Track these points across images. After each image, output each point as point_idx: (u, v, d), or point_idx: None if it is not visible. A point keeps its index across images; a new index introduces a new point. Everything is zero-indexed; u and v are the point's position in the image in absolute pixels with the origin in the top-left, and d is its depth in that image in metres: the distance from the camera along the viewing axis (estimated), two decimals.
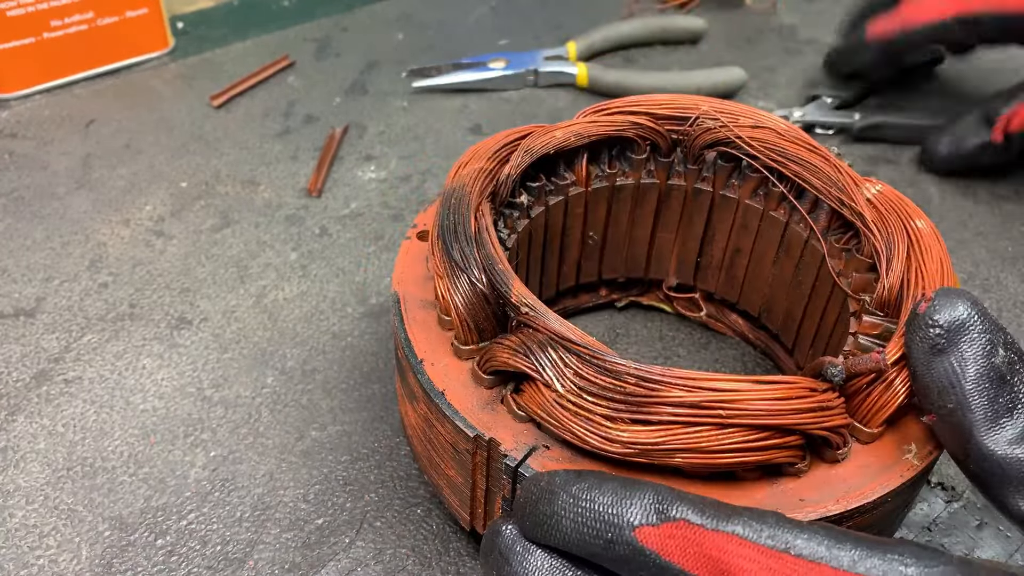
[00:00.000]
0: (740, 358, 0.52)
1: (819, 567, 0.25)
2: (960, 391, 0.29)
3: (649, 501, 0.27)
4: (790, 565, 0.25)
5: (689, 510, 0.26)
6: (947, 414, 0.30)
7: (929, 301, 0.30)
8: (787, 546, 0.25)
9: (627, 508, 0.27)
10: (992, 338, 0.29)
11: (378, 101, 0.76)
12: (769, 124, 0.43)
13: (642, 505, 0.27)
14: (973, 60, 0.74)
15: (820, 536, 0.25)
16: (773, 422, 0.30)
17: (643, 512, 0.27)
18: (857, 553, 0.25)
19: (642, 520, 0.26)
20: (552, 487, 0.28)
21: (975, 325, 0.29)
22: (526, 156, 0.42)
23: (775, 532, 0.26)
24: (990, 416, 0.29)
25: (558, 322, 0.33)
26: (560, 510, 0.28)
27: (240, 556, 0.41)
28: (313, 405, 0.48)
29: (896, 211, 0.39)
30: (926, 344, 0.30)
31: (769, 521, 0.26)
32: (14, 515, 0.42)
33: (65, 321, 0.53)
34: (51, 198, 0.63)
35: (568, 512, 0.27)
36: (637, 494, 0.27)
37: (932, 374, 0.30)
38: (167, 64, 0.80)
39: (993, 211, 0.65)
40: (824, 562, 0.25)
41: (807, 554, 0.25)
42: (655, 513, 0.27)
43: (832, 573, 0.25)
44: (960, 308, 0.29)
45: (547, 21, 0.90)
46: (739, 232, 0.48)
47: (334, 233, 0.61)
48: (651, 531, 0.26)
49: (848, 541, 0.25)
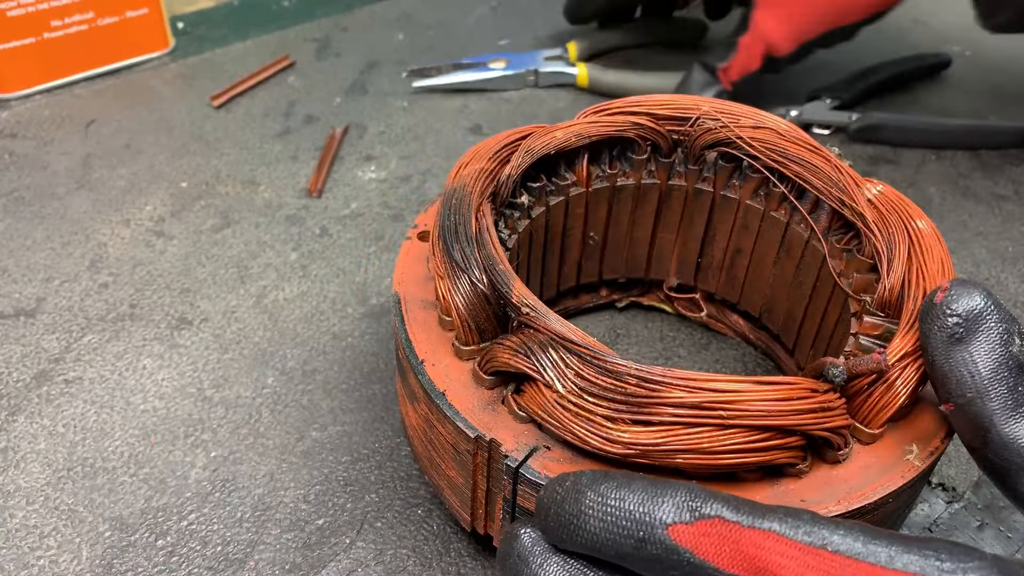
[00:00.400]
0: (741, 359, 0.52)
1: (856, 563, 0.25)
2: (979, 380, 0.29)
3: (682, 499, 0.26)
4: (827, 561, 0.25)
5: (724, 507, 0.26)
6: (966, 403, 0.30)
7: (945, 291, 0.30)
8: (824, 542, 0.25)
9: (659, 506, 0.26)
10: (1008, 327, 0.29)
11: (378, 101, 0.76)
12: (770, 124, 0.43)
13: (675, 503, 0.26)
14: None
15: (856, 532, 0.25)
16: (774, 423, 0.30)
17: (676, 510, 0.26)
18: (894, 549, 0.25)
19: (675, 518, 0.26)
20: (578, 486, 0.28)
21: (992, 314, 0.29)
22: (527, 156, 0.42)
23: (811, 528, 0.25)
24: (1010, 405, 0.29)
25: (559, 323, 0.33)
26: (587, 509, 0.27)
27: (241, 557, 0.41)
28: (314, 406, 0.48)
29: (897, 211, 0.39)
30: (944, 334, 0.30)
31: (805, 518, 0.26)
32: (14, 515, 0.42)
33: (65, 321, 0.53)
34: (51, 198, 0.63)
35: (596, 511, 0.27)
36: (669, 492, 0.27)
37: (950, 364, 0.30)
38: (167, 64, 0.80)
39: (993, 211, 0.65)
40: (861, 558, 0.25)
41: (844, 550, 0.25)
42: (688, 511, 0.26)
43: (869, 569, 0.25)
44: (977, 297, 0.30)
45: (547, 21, 0.90)
46: (740, 232, 0.48)
47: (334, 233, 0.61)
48: (685, 529, 0.26)
49: (884, 537, 0.25)
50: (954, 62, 0.83)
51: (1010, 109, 0.77)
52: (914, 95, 0.79)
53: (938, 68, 0.81)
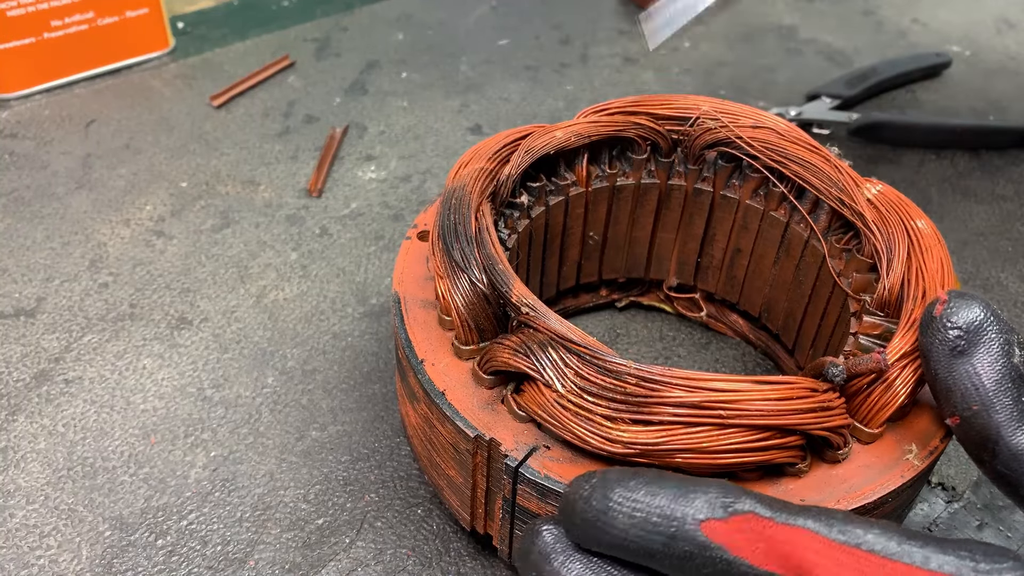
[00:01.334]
0: (740, 358, 0.52)
1: (891, 563, 0.24)
2: (984, 392, 0.29)
3: (715, 495, 0.26)
4: (862, 560, 0.25)
5: (757, 504, 0.26)
6: (971, 416, 0.30)
7: (944, 304, 0.30)
8: (858, 541, 0.25)
9: (691, 502, 0.26)
10: (1008, 338, 0.29)
11: (378, 101, 0.76)
12: (769, 124, 0.43)
13: (707, 499, 0.26)
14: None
15: (891, 532, 0.25)
16: (774, 422, 0.30)
17: (709, 506, 0.26)
18: (929, 550, 0.25)
19: (708, 514, 0.26)
20: (607, 482, 0.27)
21: (992, 326, 0.29)
22: (527, 156, 0.42)
23: (845, 527, 0.25)
24: (1016, 416, 0.29)
25: (558, 322, 0.33)
26: (616, 505, 0.27)
27: (241, 556, 0.41)
28: (313, 405, 0.48)
29: (896, 211, 0.39)
30: (946, 347, 0.30)
31: (838, 516, 0.26)
32: (14, 515, 0.42)
33: (65, 321, 0.53)
34: (51, 198, 0.63)
35: (625, 507, 0.27)
36: (701, 488, 0.26)
37: (954, 377, 0.30)
38: (167, 64, 0.80)
39: (993, 211, 0.65)
40: (896, 558, 0.24)
41: (879, 549, 0.25)
42: (721, 507, 0.26)
43: (904, 569, 0.24)
44: (976, 309, 0.29)
45: (547, 21, 0.90)
46: (739, 232, 0.48)
47: (334, 233, 0.61)
48: (718, 525, 0.26)
49: (918, 538, 0.25)
50: (954, 62, 0.83)
51: (1010, 109, 0.77)
52: (914, 95, 0.79)
53: (938, 68, 0.81)
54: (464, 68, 0.81)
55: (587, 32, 0.87)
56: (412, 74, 0.80)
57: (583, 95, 0.78)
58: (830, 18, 0.91)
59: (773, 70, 0.82)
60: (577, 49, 0.84)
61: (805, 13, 0.93)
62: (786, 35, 0.88)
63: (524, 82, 0.79)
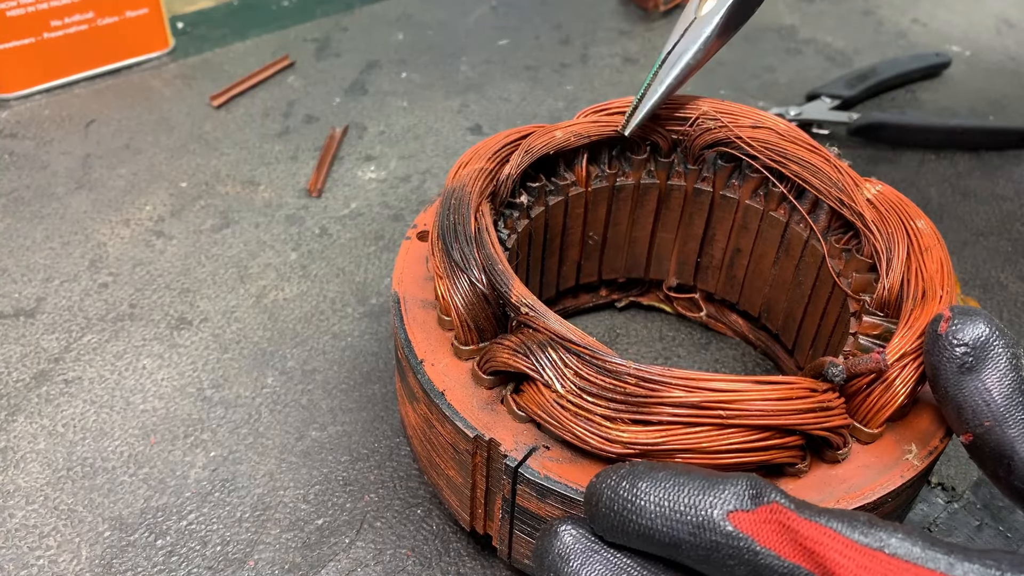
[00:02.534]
0: (740, 358, 0.52)
1: (915, 568, 0.24)
2: (995, 408, 0.29)
3: (743, 487, 0.26)
4: (884, 564, 0.24)
5: (783, 497, 0.26)
6: (984, 432, 0.29)
7: (948, 321, 0.30)
8: (881, 544, 0.25)
9: (719, 493, 0.26)
10: (1014, 352, 0.29)
11: (378, 101, 0.76)
12: (769, 124, 0.43)
13: (735, 491, 0.26)
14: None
15: (915, 537, 0.25)
16: (773, 422, 0.30)
17: (737, 498, 0.26)
18: (953, 557, 0.24)
19: (736, 505, 0.26)
20: (634, 474, 0.27)
21: (997, 340, 0.29)
22: (526, 156, 0.42)
23: (868, 530, 0.25)
24: None
25: (558, 322, 0.33)
26: (643, 495, 0.27)
27: (240, 556, 0.41)
28: (313, 405, 0.48)
29: (896, 211, 0.39)
30: (954, 364, 0.30)
31: (862, 519, 0.26)
32: (14, 515, 0.42)
33: (65, 321, 0.53)
34: (51, 198, 0.63)
35: (652, 497, 0.27)
36: (729, 480, 0.26)
37: (964, 394, 0.30)
38: (167, 64, 0.80)
39: (993, 211, 0.65)
40: (920, 563, 0.24)
41: (902, 554, 0.25)
42: (749, 498, 0.26)
43: (928, 575, 0.24)
44: (981, 325, 0.29)
45: (547, 21, 0.90)
46: (739, 232, 0.48)
47: (334, 233, 0.61)
48: (745, 516, 0.26)
49: (941, 544, 0.25)
50: (954, 62, 0.83)
51: (1010, 109, 0.77)
52: (914, 95, 0.79)
53: (938, 68, 0.81)
54: (464, 68, 0.81)
55: (587, 32, 0.87)
56: (412, 74, 0.80)
57: (583, 95, 0.78)
58: (830, 18, 0.91)
59: (773, 70, 0.82)
60: (577, 49, 0.84)
61: (805, 13, 0.93)
62: (786, 35, 0.88)
63: (524, 82, 0.79)
